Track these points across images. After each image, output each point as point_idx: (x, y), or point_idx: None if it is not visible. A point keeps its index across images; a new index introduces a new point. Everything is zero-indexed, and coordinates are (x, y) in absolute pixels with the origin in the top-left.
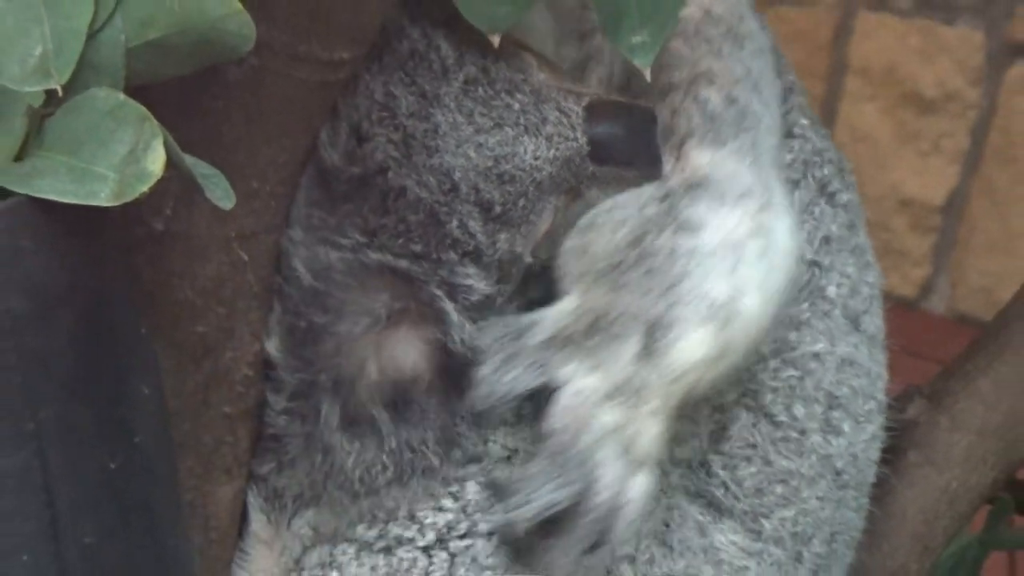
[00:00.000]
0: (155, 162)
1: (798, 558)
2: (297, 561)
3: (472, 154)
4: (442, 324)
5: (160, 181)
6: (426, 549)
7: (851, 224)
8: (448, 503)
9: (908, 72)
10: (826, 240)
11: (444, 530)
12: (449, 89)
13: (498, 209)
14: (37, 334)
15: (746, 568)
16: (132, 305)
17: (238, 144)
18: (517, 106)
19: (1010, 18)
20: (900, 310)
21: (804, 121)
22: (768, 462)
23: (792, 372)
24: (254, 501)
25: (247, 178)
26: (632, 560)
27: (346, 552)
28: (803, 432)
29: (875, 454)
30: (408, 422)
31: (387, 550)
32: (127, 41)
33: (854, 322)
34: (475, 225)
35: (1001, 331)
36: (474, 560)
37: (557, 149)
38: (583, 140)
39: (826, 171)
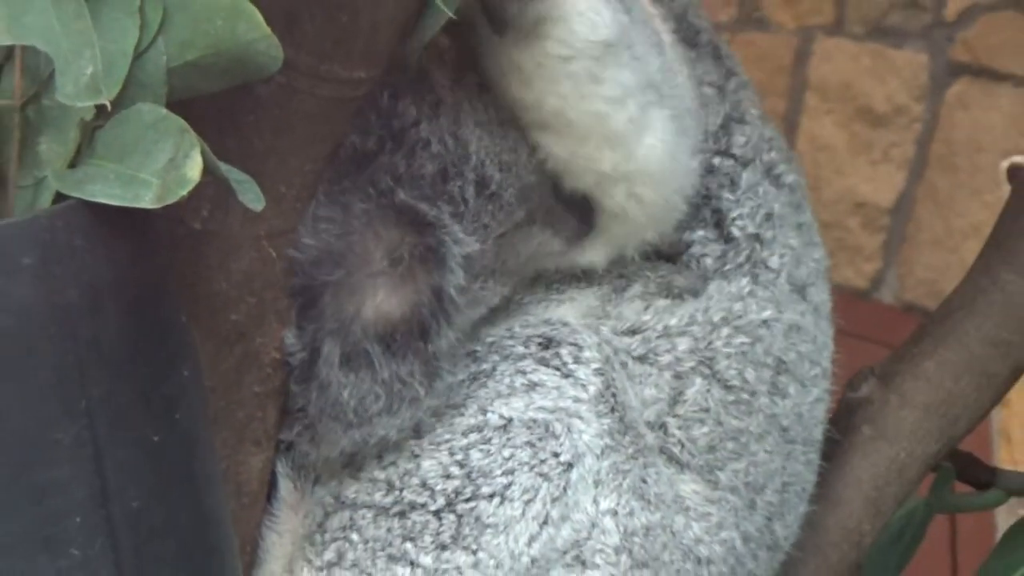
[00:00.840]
0: (193, 169)
1: (752, 505)
2: (320, 524)
3: (486, 137)
4: (442, 269)
5: (198, 186)
6: (436, 512)
7: (796, 204)
8: (455, 471)
9: (861, 89)
10: (768, 216)
11: (452, 495)
12: (472, 78)
13: (493, 187)
14: (89, 322)
15: (709, 514)
16: (173, 296)
17: (268, 154)
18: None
19: (951, 43)
20: (854, 300)
21: (754, 111)
22: (719, 423)
23: (743, 339)
24: (282, 469)
25: (276, 184)
26: (615, 513)
27: (365, 516)
28: (753, 394)
29: (821, 414)
30: (397, 356)
31: (401, 514)
32: (168, 61)
33: (800, 292)
34: (470, 192)
35: (944, 319)
36: (478, 519)
37: (545, 164)
38: None
39: (773, 155)
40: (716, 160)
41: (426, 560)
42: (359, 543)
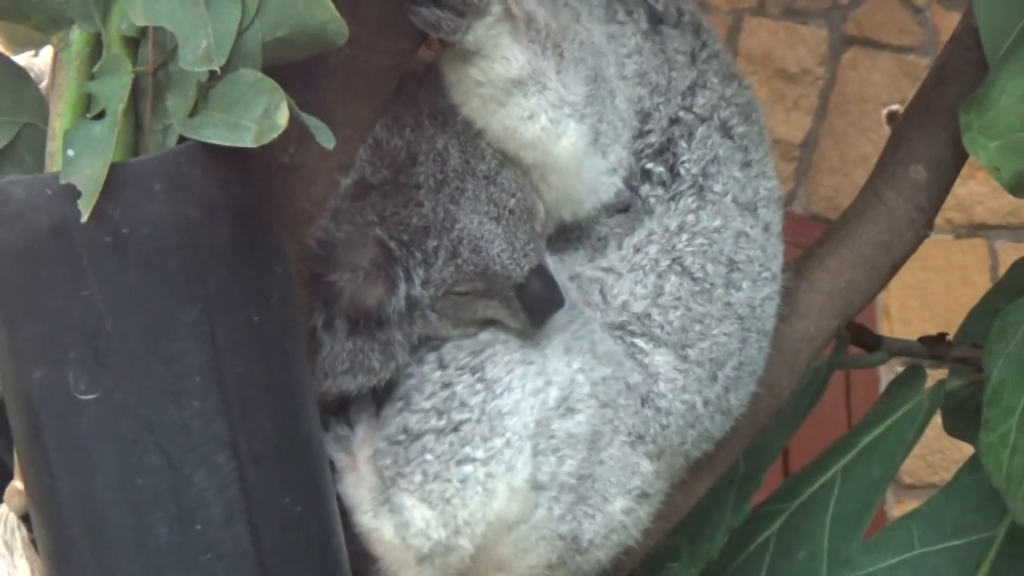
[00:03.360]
0: (282, 118)
1: (714, 377)
2: (402, 458)
3: (475, 223)
4: (391, 293)
5: (285, 130)
6: (476, 420)
7: (744, 148)
8: (480, 387)
9: (778, 56)
10: (713, 159)
11: (482, 403)
12: (482, 167)
13: (459, 261)
14: (207, 231)
15: (676, 379)
16: (269, 212)
17: (337, 107)
18: (516, 211)
19: (845, 21)
20: None
21: (715, 79)
22: (689, 309)
23: (702, 240)
24: (352, 417)
25: (343, 128)
26: (583, 370)
27: (429, 440)
28: (712, 285)
29: (772, 311)
30: (360, 335)
31: (455, 429)
32: (263, 37)
33: (749, 210)
34: (442, 256)
35: (842, 226)
36: (499, 412)
37: (510, 264)
38: (523, 274)
39: (728, 112)
40: (681, 113)
41: (479, 453)
42: (433, 460)
